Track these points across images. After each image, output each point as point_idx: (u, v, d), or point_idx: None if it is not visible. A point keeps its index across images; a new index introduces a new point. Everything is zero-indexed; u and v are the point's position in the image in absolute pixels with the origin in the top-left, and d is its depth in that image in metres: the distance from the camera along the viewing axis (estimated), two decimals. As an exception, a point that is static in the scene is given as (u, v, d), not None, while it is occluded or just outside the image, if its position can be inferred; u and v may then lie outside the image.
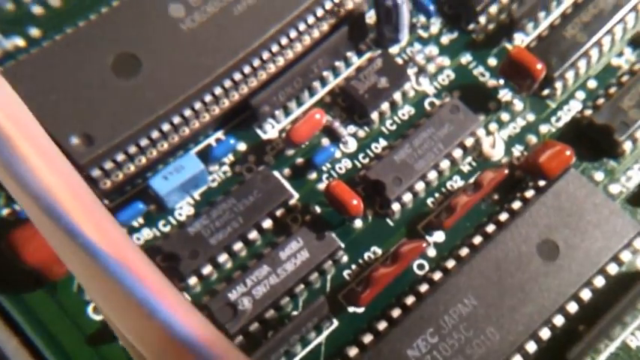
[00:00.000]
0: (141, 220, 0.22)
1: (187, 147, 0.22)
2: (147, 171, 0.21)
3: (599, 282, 0.20)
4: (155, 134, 0.20)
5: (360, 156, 0.23)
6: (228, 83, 0.21)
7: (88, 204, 0.14)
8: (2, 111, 0.14)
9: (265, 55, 0.21)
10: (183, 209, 0.22)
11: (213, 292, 0.20)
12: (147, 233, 0.21)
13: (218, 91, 0.21)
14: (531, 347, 0.19)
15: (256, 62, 0.21)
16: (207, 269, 0.20)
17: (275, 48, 0.21)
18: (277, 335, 0.19)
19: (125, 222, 0.21)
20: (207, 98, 0.21)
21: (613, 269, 0.20)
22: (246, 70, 0.21)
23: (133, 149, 0.20)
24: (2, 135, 0.13)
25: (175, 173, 0.20)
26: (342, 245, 0.21)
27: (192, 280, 0.20)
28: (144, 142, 0.20)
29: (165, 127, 0.20)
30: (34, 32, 0.24)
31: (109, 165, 0.19)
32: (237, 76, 0.21)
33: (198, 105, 0.20)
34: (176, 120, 0.20)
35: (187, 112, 0.20)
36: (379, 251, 0.21)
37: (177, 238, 0.20)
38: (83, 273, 0.14)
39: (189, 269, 0.20)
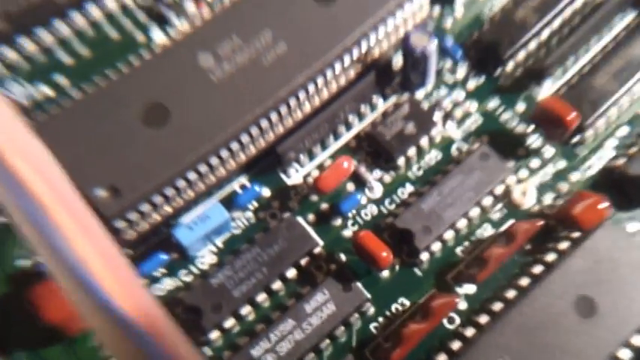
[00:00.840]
0: (163, 270, 0.21)
1: (211, 192, 0.22)
2: (171, 218, 0.21)
3: (638, 341, 0.19)
4: (181, 183, 0.20)
5: (387, 202, 0.22)
6: (255, 131, 0.20)
7: (120, 273, 0.13)
8: (38, 174, 0.13)
9: (292, 103, 0.21)
10: (206, 258, 0.21)
11: (235, 347, 0.20)
12: (168, 283, 0.21)
13: (245, 139, 0.20)
14: (569, 410, 0.18)
15: (283, 110, 0.21)
16: (229, 322, 0.20)
17: (302, 95, 0.21)
18: (303, 394, 0.18)
19: (147, 273, 0.21)
20: (234, 146, 0.20)
21: (653, 328, 0.19)
22: (274, 117, 0.21)
23: (158, 199, 0.19)
24: (38, 203, 0.13)
25: (200, 223, 0.20)
26: (369, 296, 0.20)
27: (214, 334, 0.20)
28: (170, 191, 0.19)
29: (192, 175, 0.20)
30: (63, 81, 0.23)
31: (134, 216, 0.19)
32: (264, 124, 0.20)
33: (225, 153, 0.20)
34: (202, 168, 0.20)
35: (214, 161, 0.20)
36: (407, 303, 0.21)
37: (199, 289, 0.20)
38: (109, 338, 0.14)
39: (212, 323, 0.19)
